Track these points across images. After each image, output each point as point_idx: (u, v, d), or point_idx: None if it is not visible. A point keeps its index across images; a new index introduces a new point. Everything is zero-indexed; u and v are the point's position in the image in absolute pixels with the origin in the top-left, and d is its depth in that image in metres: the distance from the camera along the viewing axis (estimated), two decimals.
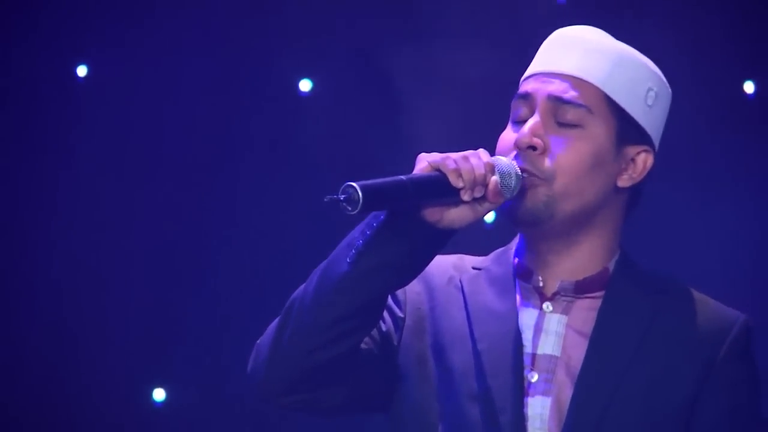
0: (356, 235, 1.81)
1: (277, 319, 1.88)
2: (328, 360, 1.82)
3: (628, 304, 1.94)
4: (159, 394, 4.02)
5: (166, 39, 4.02)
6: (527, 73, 1.99)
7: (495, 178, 1.79)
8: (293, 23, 4.00)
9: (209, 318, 4.00)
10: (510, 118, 1.98)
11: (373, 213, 1.77)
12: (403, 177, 1.73)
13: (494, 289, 1.97)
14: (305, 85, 4.06)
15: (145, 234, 4.03)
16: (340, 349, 1.83)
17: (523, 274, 1.98)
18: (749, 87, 3.98)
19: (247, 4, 4.01)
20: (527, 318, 1.95)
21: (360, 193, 1.66)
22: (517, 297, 1.96)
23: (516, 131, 1.94)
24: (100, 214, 4.03)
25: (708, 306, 1.97)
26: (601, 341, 1.90)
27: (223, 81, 4.02)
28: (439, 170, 1.75)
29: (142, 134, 4.06)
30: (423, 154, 1.80)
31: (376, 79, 3.96)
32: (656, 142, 2.00)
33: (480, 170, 1.76)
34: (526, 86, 1.97)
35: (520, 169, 1.88)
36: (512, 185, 1.84)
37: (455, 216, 1.78)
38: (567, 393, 1.89)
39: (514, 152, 1.90)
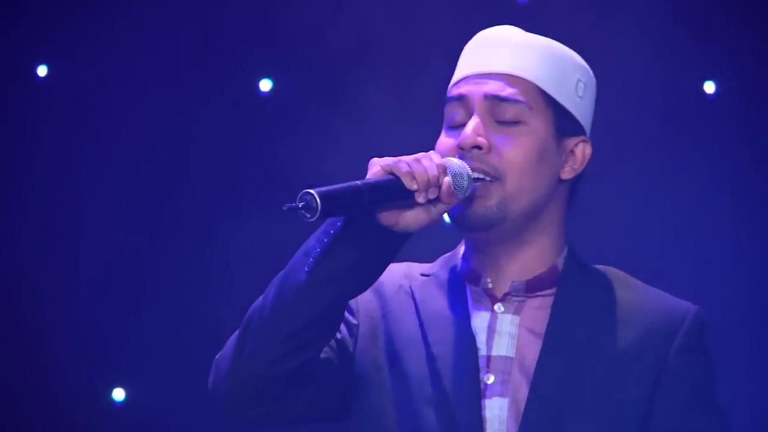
0: (312, 244, 1.80)
1: (236, 332, 1.87)
2: (290, 370, 1.81)
3: (579, 301, 1.95)
4: (119, 394, 4.01)
5: (127, 39, 4.02)
6: (456, 77, 1.99)
7: (448, 179, 1.79)
8: (254, 23, 3.99)
9: (169, 317, 4.00)
10: (444, 124, 1.98)
11: (329, 220, 1.77)
12: (358, 182, 1.72)
13: (444, 295, 1.97)
14: (265, 85, 4.06)
15: (105, 234, 4.01)
16: (302, 359, 1.82)
17: (472, 277, 1.99)
18: (709, 87, 3.99)
19: (209, 5, 4.01)
20: (480, 321, 1.95)
21: (318, 200, 1.65)
22: (469, 300, 1.97)
23: (452, 135, 1.94)
24: (59, 213, 4.02)
25: (659, 298, 1.99)
26: (554, 340, 1.91)
27: (184, 81, 4.01)
28: (392, 174, 1.75)
29: (103, 134, 4.04)
30: (375, 158, 1.79)
31: (337, 79, 3.96)
32: (588, 132, 2.02)
33: (433, 172, 1.76)
34: (458, 89, 1.97)
35: (470, 168, 1.88)
36: (464, 186, 1.84)
37: (410, 219, 1.77)
38: (524, 393, 1.89)
39: (457, 155, 1.90)
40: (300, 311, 1.79)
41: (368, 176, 1.77)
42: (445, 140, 1.96)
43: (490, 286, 1.97)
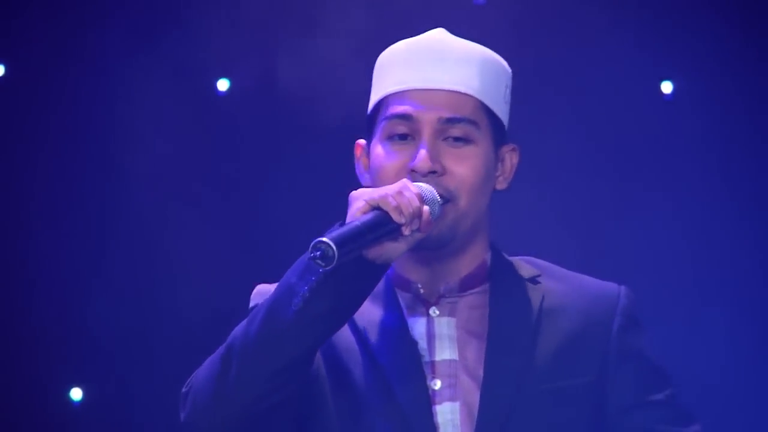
0: (295, 281, 1.78)
1: (214, 363, 1.83)
2: (274, 405, 1.79)
3: (513, 295, 1.96)
4: (76, 394, 4.00)
5: (84, 38, 4.00)
6: (393, 88, 1.95)
7: (426, 208, 1.79)
8: (211, 23, 3.99)
9: (126, 317, 3.99)
10: (381, 136, 1.96)
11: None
12: (358, 223, 1.71)
13: (377, 304, 1.95)
14: (223, 85, 4.05)
15: (61, 233, 4.00)
16: (286, 394, 1.80)
17: (401, 284, 1.99)
18: (667, 87, 4.01)
19: (166, 4, 4.00)
20: (417, 326, 1.95)
21: (335, 249, 1.64)
22: (402, 307, 1.96)
23: (396, 152, 1.92)
24: (16, 213, 4.00)
25: (586, 282, 2.01)
26: (497, 338, 1.91)
27: (142, 80, 4.00)
28: (378, 208, 1.74)
29: (59, 134, 4.03)
30: (355, 192, 1.78)
31: (293, 78, 3.96)
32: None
33: (415, 203, 1.76)
34: (403, 107, 1.93)
35: None
36: (436, 212, 1.84)
37: (393, 250, 1.78)
38: (474, 395, 1.89)
39: (408, 176, 1.88)
40: (287, 350, 1.77)
41: (353, 211, 1.76)
42: (387, 156, 1.94)
43: (422, 291, 1.97)
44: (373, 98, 1.99)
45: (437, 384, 1.91)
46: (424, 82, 1.93)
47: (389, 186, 1.79)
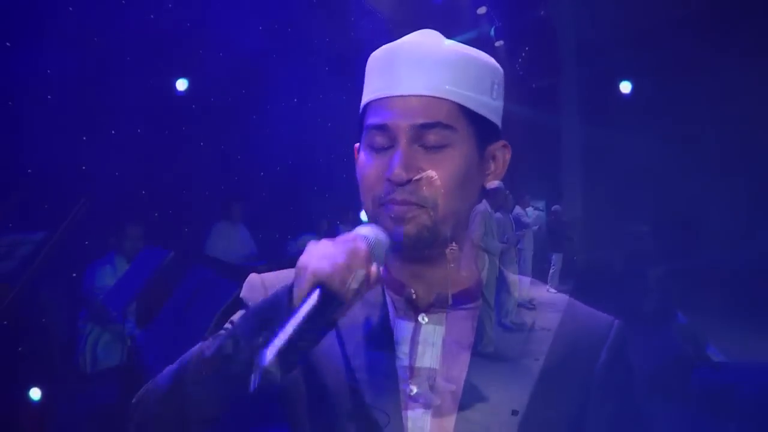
0: (248, 334, 1.70)
1: (163, 381, 1.78)
2: (225, 424, 1.76)
3: (506, 316, 1.94)
4: (35, 393, 3.99)
5: (44, 35, 4.01)
6: (372, 95, 1.92)
7: (374, 268, 1.73)
8: (171, 25, 4.01)
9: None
10: (364, 144, 1.93)
11: (260, 317, 1.71)
12: (300, 318, 1.65)
13: (364, 303, 1.93)
14: (182, 85, 4.08)
15: (23, 233, 3.99)
16: (238, 414, 1.76)
17: (394, 286, 1.97)
18: (626, 87, 4.07)
19: (127, 4, 4.02)
20: (403, 330, 1.93)
21: (277, 367, 1.60)
22: (390, 309, 1.95)
23: (377, 160, 1.90)
24: None
25: (581, 312, 2.00)
26: (482, 355, 1.90)
27: (103, 79, 4.02)
28: (323, 283, 1.68)
29: (19, 132, 4.04)
30: (303, 259, 1.71)
31: (249, 79, 3.99)
32: (500, 126, 1.98)
33: (362, 272, 1.70)
34: (380, 118, 1.90)
35: (401, 201, 1.85)
36: (383, 254, 1.79)
37: (340, 311, 1.72)
38: (448, 404, 1.88)
39: (385, 185, 1.87)
40: (234, 391, 1.72)
41: (300, 285, 1.69)
42: (370, 164, 1.91)
43: (414, 296, 1.95)
44: (362, 102, 1.97)
45: (413, 390, 1.89)
46: (399, 89, 1.89)
47: (337, 253, 1.71)
